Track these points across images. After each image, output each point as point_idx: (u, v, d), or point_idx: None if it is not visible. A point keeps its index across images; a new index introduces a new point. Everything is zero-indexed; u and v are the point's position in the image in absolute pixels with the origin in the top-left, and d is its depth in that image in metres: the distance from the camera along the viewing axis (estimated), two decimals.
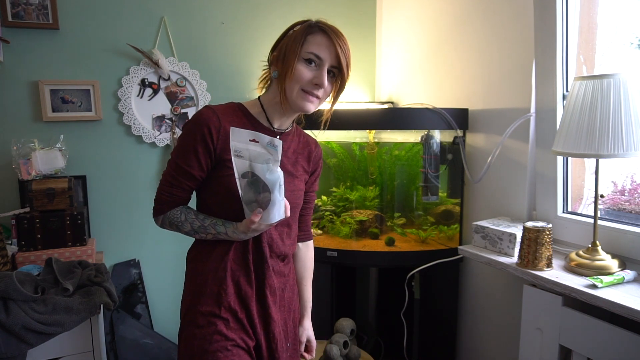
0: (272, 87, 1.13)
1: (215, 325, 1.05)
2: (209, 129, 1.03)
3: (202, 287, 1.08)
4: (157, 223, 1.12)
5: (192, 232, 1.08)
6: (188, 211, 1.10)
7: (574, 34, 1.46)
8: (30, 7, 1.85)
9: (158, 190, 1.09)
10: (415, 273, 1.89)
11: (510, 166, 1.68)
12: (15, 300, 1.37)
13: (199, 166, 1.05)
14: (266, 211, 0.98)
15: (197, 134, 1.03)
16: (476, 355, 1.91)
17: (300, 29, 1.07)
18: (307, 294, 1.32)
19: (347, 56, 1.11)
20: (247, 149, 0.96)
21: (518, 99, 1.62)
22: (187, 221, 1.08)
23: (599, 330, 1.21)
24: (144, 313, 2.11)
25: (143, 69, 2.06)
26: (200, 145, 1.03)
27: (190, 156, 1.04)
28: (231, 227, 1.05)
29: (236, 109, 1.10)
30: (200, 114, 1.05)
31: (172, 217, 1.09)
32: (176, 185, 1.07)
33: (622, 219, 1.39)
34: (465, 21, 1.88)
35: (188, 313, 1.09)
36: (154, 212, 1.10)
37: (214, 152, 1.04)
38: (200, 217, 1.08)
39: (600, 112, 1.17)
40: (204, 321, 1.05)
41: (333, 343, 1.85)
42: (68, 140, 1.96)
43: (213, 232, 1.06)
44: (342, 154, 2.04)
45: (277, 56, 1.08)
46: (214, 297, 1.07)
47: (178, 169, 1.06)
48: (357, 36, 2.48)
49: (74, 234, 1.76)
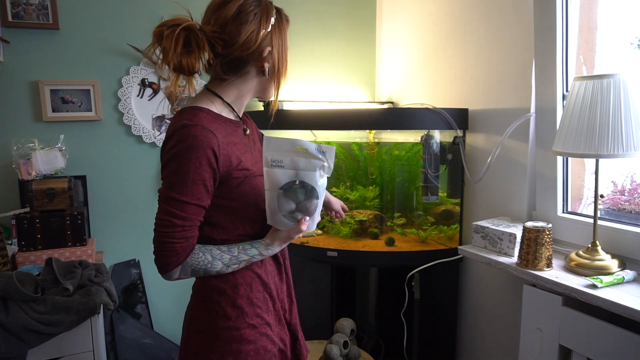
0: (240, 80, 1.01)
1: (267, 335, 1.01)
2: (213, 150, 0.89)
3: (245, 298, 0.99)
4: (171, 279, 0.93)
5: (225, 268, 0.95)
6: (209, 248, 0.95)
7: (573, 34, 1.46)
8: (31, 7, 1.85)
9: (162, 242, 0.89)
10: (415, 273, 1.89)
11: (510, 166, 1.68)
12: (15, 300, 1.37)
13: (207, 195, 0.92)
14: (312, 218, 0.97)
15: (201, 159, 0.88)
16: (476, 355, 1.91)
17: (283, 23, 1.01)
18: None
19: None
20: (291, 158, 0.93)
21: (518, 99, 1.62)
22: (215, 259, 0.94)
23: (599, 330, 1.20)
24: (144, 313, 2.11)
25: (143, 69, 2.06)
26: (206, 171, 0.89)
27: (199, 188, 0.89)
28: (262, 245, 0.99)
29: (206, 115, 0.95)
30: (195, 137, 0.88)
31: (194, 264, 0.92)
32: (189, 227, 0.90)
33: (622, 219, 1.39)
34: (465, 21, 1.88)
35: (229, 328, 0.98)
36: (167, 267, 0.91)
37: (218, 172, 0.92)
38: (224, 249, 0.96)
39: (600, 112, 1.17)
40: (254, 335, 0.99)
41: (333, 343, 1.85)
42: (68, 140, 1.96)
43: (246, 259, 0.97)
44: (342, 154, 2.04)
45: (275, 53, 1.00)
46: (261, 305, 1.02)
47: (186, 206, 0.89)
48: (357, 36, 2.48)
49: (74, 234, 1.76)
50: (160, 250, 0.90)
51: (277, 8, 1.01)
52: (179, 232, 0.89)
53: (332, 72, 2.45)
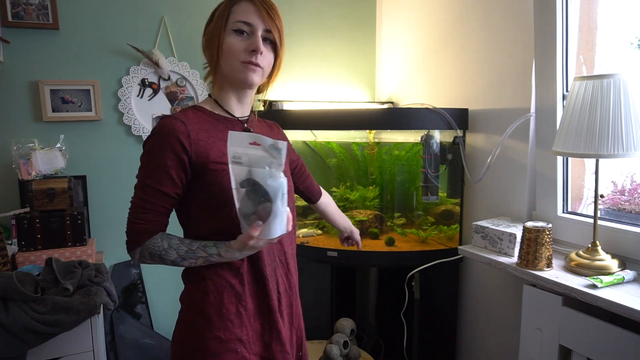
0: (216, 77, 1.04)
1: (237, 352, 0.95)
2: (177, 138, 0.93)
3: (215, 307, 0.96)
4: (133, 259, 0.97)
5: (179, 259, 0.94)
6: (170, 237, 0.96)
7: (573, 34, 1.46)
8: (31, 7, 1.85)
9: (129, 221, 0.95)
10: (415, 273, 1.89)
11: (510, 166, 1.68)
12: (15, 300, 1.37)
13: (171, 182, 0.94)
14: (266, 224, 0.85)
15: (164, 146, 0.93)
16: (476, 355, 1.91)
17: (223, 3, 1.01)
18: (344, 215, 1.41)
19: (277, 19, 1.00)
20: (247, 154, 0.85)
21: (518, 99, 1.62)
22: (171, 248, 0.94)
23: (599, 330, 1.21)
24: (144, 313, 2.11)
25: (143, 69, 2.06)
26: (169, 158, 0.92)
27: (161, 173, 0.93)
28: (223, 246, 0.93)
29: (196, 111, 1.01)
30: (163, 125, 0.94)
31: (151, 247, 0.94)
32: (151, 210, 0.94)
33: (622, 219, 1.39)
34: (465, 21, 1.88)
35: (195, 339, 0.96)
36: (128, 246, 0.95)
37: (189, 162, 0.94)
38: (186, 242, 0.96)
39: (600, 112, 1.17)
40: (220, 349, 0.94)
41: (333, 343, 1.85)
42: (68, 140, 1.96)
43: (203, 255, 0.94)
44: (342, 154, 2.04)
45: (208, 39, 1.01)
46: (233, 319, 0.96)
47: (149, 190, 0.93)
48: (357, 36, 2.48)
49: (74, 234, 1.76)
50: (127, 230, 0.96)
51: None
52: (140, 213, 0.94)
53: (332, 72, 2.45)
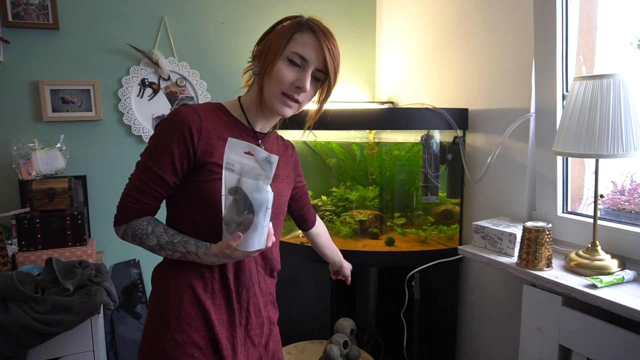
0: (253, 86, 1.04)
1: (193, 356, 0.93)
2: (189, 129, 0.92)
3: (174, 308, 0.94)
4: (117, 234, 0.97)
5: (158, 247, 0.94)
6: (156, 223, 0.96)
7: (573, 34, 1.46)
8: (31, 7, 1.85)
9: (123, 196, 0.94)
10: (415, 273, 1.89)
11: (510, 166, 1.68)
12: (16, 300, 1.37)
13: (172, 170, 0.93)
14: (245, 235, 0.85)
15: (175, 133, 0.92)
16: (476, 355, 1.91)
17: (288, 25, 0.98)
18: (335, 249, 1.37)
19: (336, 60, 0.98)
20: (240, 162, 0.84)
21: (518, 99, 1.62)
22: (153, 234, 0.93)
23: (599, 330, 1.21)
24: (143, 313, 2.11)
25: (143, 69, 2.06)
26: (177, 146, 0.91)
27: (164, 158, 0.92)
28: (203, 247, 0.92)
29: (216, 109, 1.00)
30: (179, 112, 0.93)
31: (136, 228, 0.94)
32: (145, 192, 0.93)
33: (621, 219, 1.39)
34: (465, 21, 1.88)
35: (154, 338, 0.95)
36: (115, 220, 0.95)
37: (193, 155, 0.93)
38: (170, 232, 0.95)
39: (600, 112, 1.17)
40: (176, 351, 0.92)
41: (333, 343, 1.85)
42: (68, 140, 1.96)
43: (182, 251, 0.93)
44: (342, 154, 2.04)
45: (261, 51, 0.99)
46: (191, 321, 0.94)
47: (148, 172, 0.93)
48: (357, 36, 2.48)
49: (74, 234, 1.76)
50: (118, 204, 0.96)
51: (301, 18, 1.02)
52: (134, 192, 0.94)
53: None
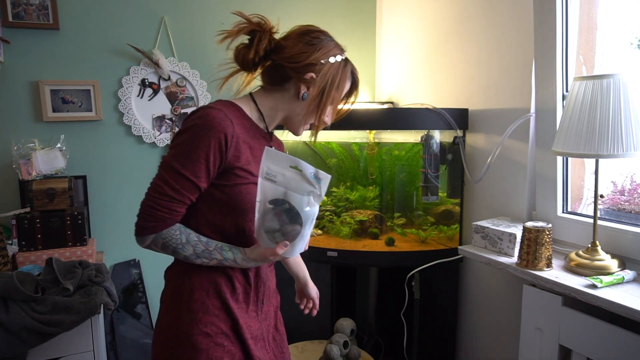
0: (279, 94, 1.05)
1: (223, 346, 0.96)
2: (225, 135, 0.90)
3: (200, 303, 0.96)
4: (141, 243, 0.92)
5: (194, 256, 0.93)
6: (188, 232, 0.94)
7: (573, 34, 1.47)
8: (31, 7, 1.85)
9: (149, 205, 0.90)
10: (415, 273, 1.89)
11: (510, 166, 1.68)
12: (16, 300, 1.37)
13: (207, 178, 0.91)
14: (292, 244, 0.91)
15: (212, 140, 0.89)
16: (476, 355, 1.91)
17: (346, 74, 1.07)
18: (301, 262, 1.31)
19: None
20: (284, 175, 0.87)
21: (518, 99, 1.62)
22: (188, 243, 0.92)
23: (599, 330, 1.21)
24: (144, 313, 2.11)
25: (143, 69, 2.06)
26: (213, 153, 0.90)
27: (200, 165, 0.89)
28: (240, 254, 0.95)
29: (236, 112, 0.99)
30: (213, 117, 0.90)
31: (168, 238, 0.91)
32: (178, 200, 0.90)
33: (621, 219, 1.39)
34: (465, 21, 1.88)
35: (178, 334, 0.96)
36: (141, 230, 0.90)
37: (224, 161, 0.92)
38: (203, 240, 0.94)
39: (600, 112, 1.17)
40: (207, 343, 0.94)
41: (333, 343, 1.85)
42: (68, 140, 1.96)
43: (219, 258, 0.94)
44: (342, 154, 2.04)
45: (318, 84, 1.01)
46: (218, 313, 0.97)
47: (182, 179, 0.89)
48: (357, 36, 2.48)
49: (74, 234, 1.76)
50: (143, 212, 0.90)
51: (349, 61, 1.08)
52: (167, 201, 0.89)
53: None
